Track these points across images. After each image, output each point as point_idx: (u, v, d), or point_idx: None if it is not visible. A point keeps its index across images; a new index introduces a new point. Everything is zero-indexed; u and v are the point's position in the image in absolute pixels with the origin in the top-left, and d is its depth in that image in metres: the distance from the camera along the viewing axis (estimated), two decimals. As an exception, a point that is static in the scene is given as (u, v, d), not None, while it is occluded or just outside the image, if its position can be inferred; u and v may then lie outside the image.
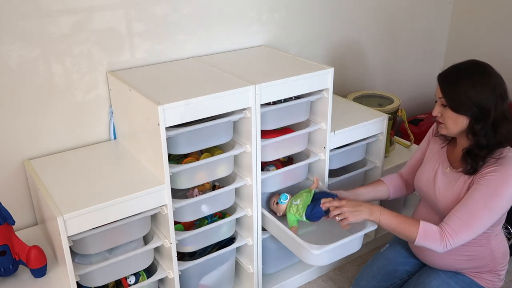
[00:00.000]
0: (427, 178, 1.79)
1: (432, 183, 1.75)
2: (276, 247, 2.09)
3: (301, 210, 1.85)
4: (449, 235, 1.58)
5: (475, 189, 1.60)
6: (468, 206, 1.59)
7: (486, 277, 1.75)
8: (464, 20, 3.19)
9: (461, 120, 1.61)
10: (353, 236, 1.78)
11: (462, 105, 1.59)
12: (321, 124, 1.97)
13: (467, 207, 1.59)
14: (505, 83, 1.61)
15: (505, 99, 1.59)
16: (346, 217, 1.69)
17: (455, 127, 1.63)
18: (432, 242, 1.61)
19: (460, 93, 1.58)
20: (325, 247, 1.72)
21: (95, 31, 1.83)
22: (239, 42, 2.22)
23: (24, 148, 1.82)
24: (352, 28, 2.70)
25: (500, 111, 1.58)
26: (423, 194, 1.81)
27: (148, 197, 1.61)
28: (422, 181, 1.80)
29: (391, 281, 1.90)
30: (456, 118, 1.61)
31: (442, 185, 1.71)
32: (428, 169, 1.80)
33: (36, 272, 1.65)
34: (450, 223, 1.60)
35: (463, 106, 1.59)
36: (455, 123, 1.63)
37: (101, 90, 1.91)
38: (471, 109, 1.58)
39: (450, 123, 1.64)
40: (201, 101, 1.61)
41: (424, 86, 3.27)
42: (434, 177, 1.75)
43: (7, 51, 1.68)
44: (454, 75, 1.62)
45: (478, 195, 1.58)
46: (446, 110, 1.63)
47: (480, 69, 1.61)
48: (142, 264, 1.74)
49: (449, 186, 1.69)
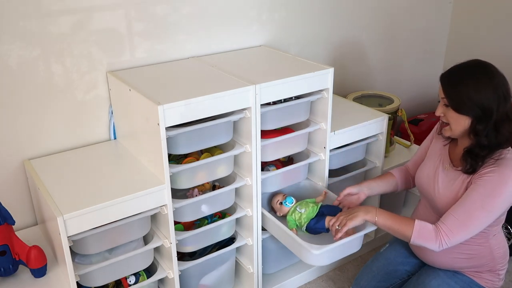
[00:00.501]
0: (427, 175, 1.79)
1: (432, 180, 1.75)
2: (276, 247, 2.09)
3: (304, 220, 1.88)
4: (445, 234, 1.59)
5: (473, 189, 1.60)
6: (465, 206, 1.59)
7: (485, 276, 1.75)
8: (464, 20, 3.19)
9: (463, 120, 1.61)
10: (353, 236, 1.78)
11: (464, 105, 1.58)
12: (321, 124, 1.97)
13: (465, 207, 1.59)
14: (508, 83, 1.61)
15: (508, 99, 1.59)
16: (344, 224, 1.70)
17: (458, 127, 1.63)
18: (427, 240, 1.61)
19: (462, 93, 1.58)
20: (325, 247, 1.73)
21: (95, 31, 1.83)
22: (239, 42, 2.22)
23: (24, 148, 1.82)
24: (352, 28, 2.70)
25: (503, 111, 1.58)
26: (423, 191, 1.81)
27: (148, 197, 1.61)
28: (423, 178, 1.81)
29: (391, 281, 1.90)
30: (459, 118, 1.61)
31: (441, 183, 1.71)
32: (429, 166, 1.80)
33: (36, 272, 1.65)
34: (446, 222, 1.60)
35: (465, 107, 1.58)
36: (458, 123, 1.62)
37: (101, 90, 1.91)
38: (473, 109, 1.58)
39: (453, 123, 1.63)
40: (201, 101, 1.61)
41: (424, 86, 3.27)
42: (435, 174, 1.75)
43: (7, 51, 1.68)
44: (456, 75, 1.62)
45: (475, 195, 1.58)
46: (448, 110, 1.63)
47: (483, 69, 1.60)
48: (142, 264, 1.74)
49: (448, 184, 1.69)
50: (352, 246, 1.85)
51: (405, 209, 2.65)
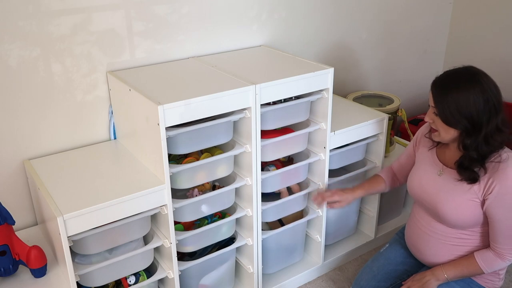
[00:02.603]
0: (419, 182, 1.79)
1: (430, 188, 1.74)
2: (276, 247, 2.09)
3: None
4: (505, 251, 1.63)
5: (492, 211, 1.59)
6: (503, 228, 1.60)
7: (486, 276, 1.75)
8: (464, 20, 3.19)
9: (452, 131, 1.60)
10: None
11: (452, 118, 1.56)
12: (321, 124, 1.97)
13: (504, 230, 1.60)
14: (500, 93, 1.57)
15: (499, 111, 1.55)
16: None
17: (447, 135, 1.63)
18: (496, 263, 1.65)
19: (451, 106, 1.55)
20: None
21: (95, 31, 1.83)
22: (239, 42, 2.22)
23: (24, 148, 1.82)
24: (353, 28, 2.70)
25: (493, 124, 1.54)
26: (417, 198, 1.81)
27: (148, 197, 1.61)
28: (414, 186, 1.81)
29: (391, 281, 1.90)
30: (448, 129, 1.61)
31: (441, 190, 1.70)
32: (419, 173, 1.80)
33: (36, 272, 1.65)
34: (500, 245, 1.63)
35: (453, 120, 1.56)
36: (447, 133, 1.62)
37: (101, 90, 1.91)
38: (462, 123, 1.55)
39: (442, 131, 1.63)
40: (201, 101, 1.61)
41: (424, 86, 3.26)
42: (428, 181, 1.75)
43: (7, 51, 1.68)
44: (447, 86, 1.58)
45: (498, 218, 1.59)
46: (438, 118, 1.62)
47: (474, 79, 1.55)
48: (142, 264, 1.74)
49: (449, 192, 1.67)
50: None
51: (405, 210, 2.65)
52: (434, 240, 1.76)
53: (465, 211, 1.64)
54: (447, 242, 1.73)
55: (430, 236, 1.77)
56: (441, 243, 1.74)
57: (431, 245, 1.77)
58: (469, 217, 1.64)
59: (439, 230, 1.74)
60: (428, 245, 1.78)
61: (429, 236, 1.77)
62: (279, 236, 2.08)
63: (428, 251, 1.78)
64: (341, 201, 1.93)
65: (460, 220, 1.66)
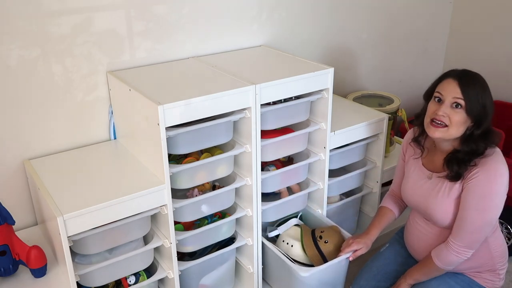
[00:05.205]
0: (411, 190, 1.82)
1: (418, 194, 1.77)
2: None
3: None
4: (461, 249, 1.66)
5: (464, 198, 1.63)
6: (465, 219, 1.63)
7: (486, 276, 1.75)
8: (464, 20, 3.19)
9: (465, 124, 1.62)
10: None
11: (476, 107, 1.60)
12: (321, 124, 1.97)
13: (465, 221, 1.63)
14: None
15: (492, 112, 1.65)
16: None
17: (457, 131, 1.63)
18: (448, 257, 1.68)
19: (478, 95, 1.60)
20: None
21: (95, 31, 1.82)
22: (239, 42, 2.22)
23: (24, 148, 1.82)
24: (353, 28, 2.70)
25: (490, 121, 1.63)
26: (411, 205, 1.86)
27: (148, 197, 1.61)
28: (407, 195, 1.84)
29: (391, 281, 1.90)
30: (465, 121, 1.61)
31: (428, 195, 1.73)
32: (410, 182, 1.83)
33: (36, 272, 1.65)
34: (456, 240, 1.66)
35: (476, 109, 1.60)
36: (459, 126, 1.62)
37: (101, 90, 1.91)
38: (480, 113, 1.60)
39: (454, 125, 1.62)
40: (201, 101, 1.61)
41: (424, 86, 3.25)
42: (419, 188, 1.77)
43: (7, 51, 1.68)
44: (470, 78, 1.63)
45: (467, 205, 1.62)
46: (455, 111, 1.61)
47: (480, 76, 1.65)
48: (142, 264, 1.74)
49: (437, 196, 1.70)
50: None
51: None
52: (431, 240, 1.78)
53: (455, 212, 1.67)
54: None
55: (427, 237, 1.79)
56: (437, 244, 1.75)
57: (428, 245, 1.78)
58: None
59: (435, 231, 1.76)
60: (425, 246, 1.80)
61: (426, 237, 1.79)
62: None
63: (426, 252, 1.79)
64: (361, 248, 1.89)
65: (452, 220, 1.69)
